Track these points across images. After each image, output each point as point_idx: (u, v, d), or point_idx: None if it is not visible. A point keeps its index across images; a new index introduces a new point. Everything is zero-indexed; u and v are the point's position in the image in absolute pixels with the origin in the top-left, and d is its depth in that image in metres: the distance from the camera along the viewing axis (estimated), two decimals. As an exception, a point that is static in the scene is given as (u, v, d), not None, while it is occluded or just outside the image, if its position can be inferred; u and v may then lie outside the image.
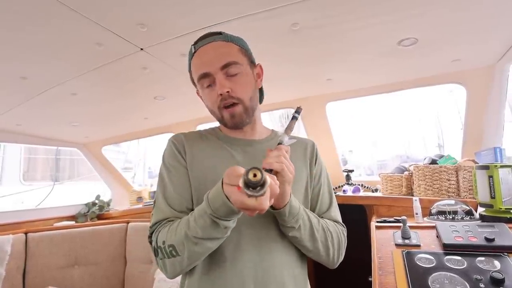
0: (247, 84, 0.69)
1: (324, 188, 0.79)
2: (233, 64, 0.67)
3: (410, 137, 4.73)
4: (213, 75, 0.67)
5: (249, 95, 0.69)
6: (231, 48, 0.69)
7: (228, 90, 0.66)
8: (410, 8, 0.99)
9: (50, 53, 1.15)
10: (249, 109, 0.70)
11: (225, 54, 0.67)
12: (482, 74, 1.49)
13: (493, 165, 1.08)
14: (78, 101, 1.66)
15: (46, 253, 1.86)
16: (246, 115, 0.70)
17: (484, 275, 0.74)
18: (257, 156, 0.71)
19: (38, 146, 2.72)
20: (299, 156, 0.77)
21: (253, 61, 0.75)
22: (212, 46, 0.68)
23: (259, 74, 0.76)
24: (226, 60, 0.66)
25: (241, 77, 0.68)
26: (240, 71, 0.68)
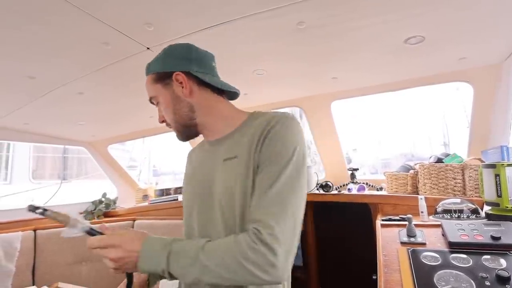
0: (166, 109, 0.74)
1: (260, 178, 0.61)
2: (152, 99, 0.76)
3: (415, 135, 4.69)
4: None
5: (171, 117, 0.74)
6: (148, 82, 0.76)
7: (162, 120, 0.77)
8: (416, 6, 0.98)
9: (58, 53, 1.16)
10: (180, 128, 0.75)
11: (148, 89, 0.75)
12: (489, 73, 1.47)
13: (500, 164, 1.07)
14: (85, 100, 1.68)
15: (54, 250, 1.90)
16: (183, 133, 0.76)
17: (490, 273, 0.74)
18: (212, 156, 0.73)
19: (46, 145, 2.76)
20: (245, 143, 0.66)
21: (168, 76, 0.71)
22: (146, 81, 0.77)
23: (181, 82, 0.71)
24: (149, 95, 0.76)
25: (161, 105, 0.75)
26: (158, 101, 0.75)
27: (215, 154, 0.72)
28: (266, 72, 1.48)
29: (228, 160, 0.67)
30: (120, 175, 2.79)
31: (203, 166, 0.75)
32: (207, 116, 0.74)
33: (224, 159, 0.68)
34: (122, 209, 2.45)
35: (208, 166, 0.72)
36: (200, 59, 0.75)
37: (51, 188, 2.64)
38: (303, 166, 0.62)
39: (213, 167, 0.70)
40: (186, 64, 0.72)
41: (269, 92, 1.87)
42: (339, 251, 2.15)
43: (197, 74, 0.72)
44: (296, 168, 0.61)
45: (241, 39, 1.15)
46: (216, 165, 0.69)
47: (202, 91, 0.73)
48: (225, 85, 0.75)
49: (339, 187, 1.99)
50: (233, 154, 0.67)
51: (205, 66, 0.75)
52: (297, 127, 0.65)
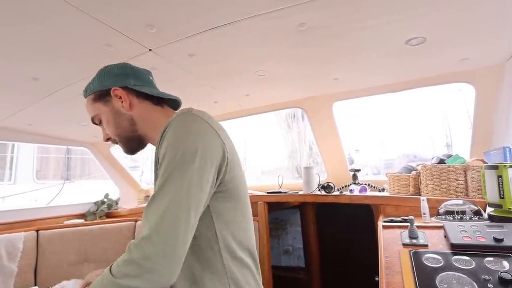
0: (107, 125, 0.77)
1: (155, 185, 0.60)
2: (93, 119, 0.79)
3: (417, 136, 4.67)
4: None
5: (113, 131, 0.76)
6: (87, 103, 0.79)
7: (107, 137, 0.79)
8: (417, 7, 0.98)
9: (61, 54, 1.17)
10: (123, 140, 0.77)
11: (88, 112, 0.79)
12: (491, 73, 1.47)
13: (502, 165, 1.06)
14: (88, 102, 1.69)
15: (57, 250, 1.91)
16: (126, 146, 0.78)
17: (492, 276, 0.74)
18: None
19: (50, 146, 2.78)
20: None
21: (106, 93, 0.75)
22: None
23: (120, 97, 0.75)
24: (90, 116, 0.79)
25: (104, 123, 0.77)
26: (100, 118, 0.77)
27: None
28: (267, 73, 1.49)
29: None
30: (122, 176, 2.81)
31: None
32: (149, 127, 0.77)
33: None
34: (124, 210, 2.46)
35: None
36: (136, 74, 0.79)
37: (54, 189, 2.67)
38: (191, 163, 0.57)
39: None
40: (123, 80, 0.76)
41: (270, 93, 1.87)
42: (341, 252, 2.15)
43: (135, 87, 0.76)
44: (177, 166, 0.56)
45: (242, 40, 1.15)
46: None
47: (142, 104, 0.76)
48: (163, 94, 0.78)
49: (341, 188, 1.98)
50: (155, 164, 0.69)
51: (142, 80, 0.79)
52: (187, 125, 0.61)
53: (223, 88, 1.69)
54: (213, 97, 1.85)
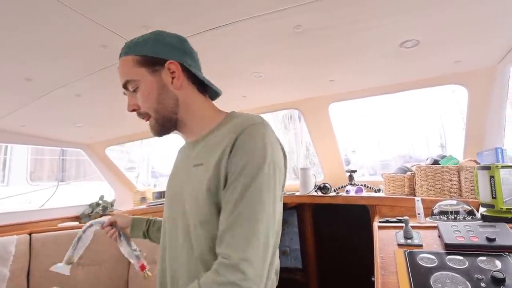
0: (147, 96, 0.66)
1: (227, 197, 0.56)
2: (128, 83, 0.67)
3: (412, 137, 4.72)
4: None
5: (152, 106, 0.66)
6: (127, 63, 0.67)
7: (134, 108, 0.68)
8: (411, 11, 0.99)
9: (55, 55, 1.16)
10: (160, 119, 0.67)
11: (122, 74, 0.67)
12: (483, 75, 1.49)
13: (494, 166, 1.08)
14: (82, 102, 1.68)
15: (50, 253, 1.88)
16: (162, 126, 0.68)
17: (485, 275, 0.75)
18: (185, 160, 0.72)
19: (44, 147, 2.75)
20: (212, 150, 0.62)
21: (159, 62, 0.66)
22: (118, 66, 0.70)
23: (173, 72, 0.66)
24: (122, 81, 0.67)
25: (140, 92, 0.66)
26: (137, 86, 0.66)
27: (188, 158, 0.70)
28: (264, 75, 1.49)
29: (196, 166, 0.64)
30: (118, 177, 2.78)
31: (179, 168, 0.74)
32: (189, 114, 0.69)
33: (194, 164, 0.65)
34: (119, 212, 2.44)
35: (182, 170, 0.71)
36: (193, 53, 0.71)
37: (48, 190, 2.63)
38: (274, 177, 0.57)
39: (186, 172, 0.68)
40: (181, 55, 0.67)
41: (267, 94, 1.88)
42: (338, 252, 2.15)
43: (191, 68, 0.67)
44: (265, 181, 0.55)
45: (238, 42, 1.16)
46: (188, 170, 0.67)
47: (189, 87, 0.69)
48: (211, 83, 0.71)
49: (337, 188, 1.99)
50: (201, 160, 0.64)
51: (196, 62, 0.71)
52: (267, 136, 0.59)
53: (220, 89, 1.69)
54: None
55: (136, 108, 0.67)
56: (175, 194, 0.70)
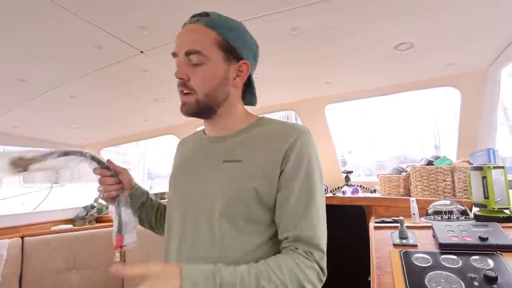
0: (208, 77, 0.63)
1: (294, 197, 0.60)
2: (195, 54, 0.62)
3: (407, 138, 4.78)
4: (179, 57, 0.64)
5: (206, 89, 0.63)
6: (205, 35, 0.63)
7: (183, 77, 0.63)
8: (406, 14, 1.01)
9: (49, 56, 1.15)
10: (203, 104, 0.64)
11: (192, 41, 0.62)
12: (475, 78, 1.52)
13: (486, 166, 1.10)
14: (77, 103, 1.66)
15: (43, 257, 1.84)
16: (199, 109, 0.65)
17: (478, 274, 0.76)
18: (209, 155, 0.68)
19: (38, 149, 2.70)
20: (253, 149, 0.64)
21: (237, 56, 0.65)
22: (188, 28, 0.64)
23: (240, 71, 0.67)
24: (189, 47, 0.62)
25: (204, 70, 0.62)
26: (204, 62, 0.62)
27: (213, 153, 0.67)
28: (261, 76, 1.50)
29: (229, 162, 0.63)
30: (113, 179, 2.75)
31: (198, 163, 0.69)
32: (228, 112, 0.69)
33: (224, 160, 0.64)
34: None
35: (202, 164, 0.68)
36: (257, 60, 0.73)
37: (42, 192, 2.59)
38: (322, 182, 0.66)
39: (211, 167, 0.66)
40: (252, 60, 0.69)
41: (264, 96, 1.88)
42: (334, 253, 2.15)
43: (252, 76, 0.71)
44: (321, 183, 0.65)
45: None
46: (214, 165, 0.65)
47: (240, 89, 0.71)
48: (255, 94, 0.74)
49: (333, 189, 2.00)
50: (236, 157, 0.63)
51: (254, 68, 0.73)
52: (313, 142, 0.67)
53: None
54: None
55: (186, 78, 0.63)
56: (196, 189, 0.66)
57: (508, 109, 2.23)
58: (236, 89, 0.69)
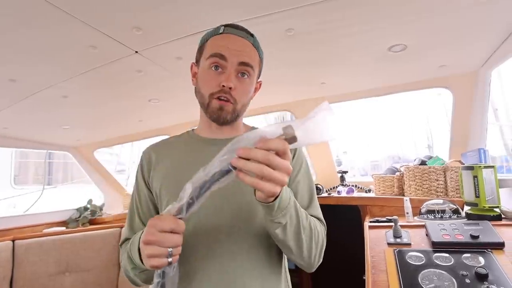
0: (248, 91, 0.71)
1: (301, 187, 0.72)
2: (249, 67, 0.68)
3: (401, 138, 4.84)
4: (228, 63, 0.66)
5: (245, 100, 0.71)
6: (255, 54, 0.71)
7: (232, 87, 0.66)
8: (399, 16, 1.03)
9: (41, 55, 1.13)
10: (236, 112, 0.70)
11: (249, 55, 0.69)
12: (467, 79, 1.55)
13: (477, 166, 1.12)
14: (69, 104, 1.64)
15: (35, 260, 1.81)
16: (231, 116, 0.70)
17: (469, 271, 0.78)
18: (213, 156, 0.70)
19: (30, 150, 2.66)
20: None
21: (260, 72, 0.78)
22: (241, 40, 0.69)
23: (256, 89, 0.78)
24: (247, 60, 0.67)
25: (249, 82, 0.70)
26: (250, 77, 0.70)
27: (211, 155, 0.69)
28: (255, 77, 1.50)
29: None
30: (107, 181, 2.72)
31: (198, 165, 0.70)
32: (239, 119, 0.77)
33: None
34: (109, 216, 2.38)
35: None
36: None
37: (34, 195, 2.54)
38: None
39: None
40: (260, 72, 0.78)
41: (259, 97, 1.85)
42: (330, 253, 2.16)
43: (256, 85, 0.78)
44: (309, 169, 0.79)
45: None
46: None
47: None
48: None
49: (329, 189, 2.02)
50: None
51: None
52: None
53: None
54: (201, 100, 1.84)
55: (233, 88, 0.67)
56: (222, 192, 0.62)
57: (498, 110, 2.28)
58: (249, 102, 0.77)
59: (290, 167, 0.45)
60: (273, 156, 0.43)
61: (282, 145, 0.43)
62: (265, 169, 0.42)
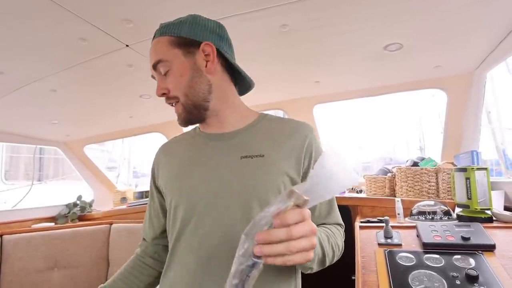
0: (179, 78, 0.63)
1: None
2: (159, 63, 0.63)
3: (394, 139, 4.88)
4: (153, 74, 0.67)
5: (183, 90, 0.63)
6: (161, 43, 0.64)
7: (164, 92, 0.64)
8: (395, 15, 1.02)
9: (29, 47, 1.10)
10: (188, 105, 0.64)
11: (154, 53, 0.64)
12: (461, 81, 1.56)
13: (470, 168, 1.12)
14: (58, 98, 1.60)
15: (23, 256, 1.78)
16: (189, 113, 0.64)
17: (460, 272, 0.77)
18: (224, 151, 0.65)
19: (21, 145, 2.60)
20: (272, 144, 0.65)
21: (194, 44, 0.63)
22: (152, 44, 0.66)
23: (208, 55, 0.64)
24: (153, 60, 0.64)
25: (171, 74, 0.63)
26: (169, 68, 0.63)
27: (225, 150, 0.65)
28: (249, 74, 1.48)
29: (249, 158, 0.62)
30: (97, 177, 2.68)
31: (210, 161, 0.64)
32: (223, 104, 0.67)
33: (242, 156, 0.62)
34: (98, 213, 2.34)
35: (219, 162, 0.63)
36: (229, 41, 0.69)
37: (25, 190, 2.49)
38: None
39: (227, 163, 0.63)
40: (218, 40, 0.65)
41: (251, 95, 1.84)
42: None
43: (226, 55, 0.66)
44: None
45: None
46: (231, 161, 0.62)
47: (223, 75, 0.67)
48: (245, 74, 0.69)
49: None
50: (257, 152, 0.62)
51: (231, 51, 0.70)
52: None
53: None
54: (194, 97, 1.81)
55: (166, 92, 0.63)
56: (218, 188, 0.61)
57: (491, 113, 2.30)
58: (216, 75, 0.66)
59: (314, 226, 0.42)
60: (295, 228, 0.39)
61: (299, 216, 0.40)
62: (291, 245, 0.39)
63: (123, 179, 4.70)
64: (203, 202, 0.61)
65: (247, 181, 0.60)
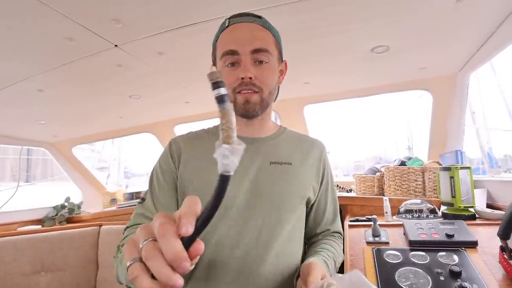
0: (271, 75, 0.67)
1: (329, 203, 0.78)
2: (264, 52, 0.64)
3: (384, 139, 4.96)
4: (240, 55, 0.63)
5: (270, 87, 0.67)
6: (268, 35, 0.67)
7: (251, 76, 0.62)
8: (382, 17, 1.04)
9: (15, 47, 1.07)
10: (264, 101, 0.67)
11: (260, 39, 0.64)
12: (446, 82, 1.60)
13: (454, 167, 1.16)
14: (46, 98, 1.56)
15: (8, 259, 1.73)
16: (260, 106, 0.66)
17: (444, 269, 0.80)
18: (254, 155, 0.68)
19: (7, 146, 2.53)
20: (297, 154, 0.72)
21: (282, 57, 0.73)
22: (248, 26, 0.65)
23: (282, 71, 0.74)
24: (259, 45, 0.63)
25: (268, 67, 0.65)
26: (269, 61, 0.65)
27: (255, 154, 0.68)
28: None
29: (278, 164, 0.67)
30: (86, 178, 2.63)
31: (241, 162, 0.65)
32: (267, 114, 0.74)
33: (271, 161, 0.68)
34: (87, 215, 2.30)
35: (250, 164, 0.66)
36: None
37: (11, 192, 2.42)
38: None
39: (258, 167, 0.66)
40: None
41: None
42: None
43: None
44: None
45: (211, 40, 1.14)
46: (260, 165, 0.66)
47: None
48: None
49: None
50: (285, 160, 0.69)
51: None
52: None
53: (195, 89, 1.65)
54: (185, 98, 1.81)
55: (252, 77, 0.63)
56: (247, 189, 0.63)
57: (476, 113, 2.37)
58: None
59: None
60: None
61: None
62: None
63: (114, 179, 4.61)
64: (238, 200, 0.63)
65: (276, 186, 0.65)
